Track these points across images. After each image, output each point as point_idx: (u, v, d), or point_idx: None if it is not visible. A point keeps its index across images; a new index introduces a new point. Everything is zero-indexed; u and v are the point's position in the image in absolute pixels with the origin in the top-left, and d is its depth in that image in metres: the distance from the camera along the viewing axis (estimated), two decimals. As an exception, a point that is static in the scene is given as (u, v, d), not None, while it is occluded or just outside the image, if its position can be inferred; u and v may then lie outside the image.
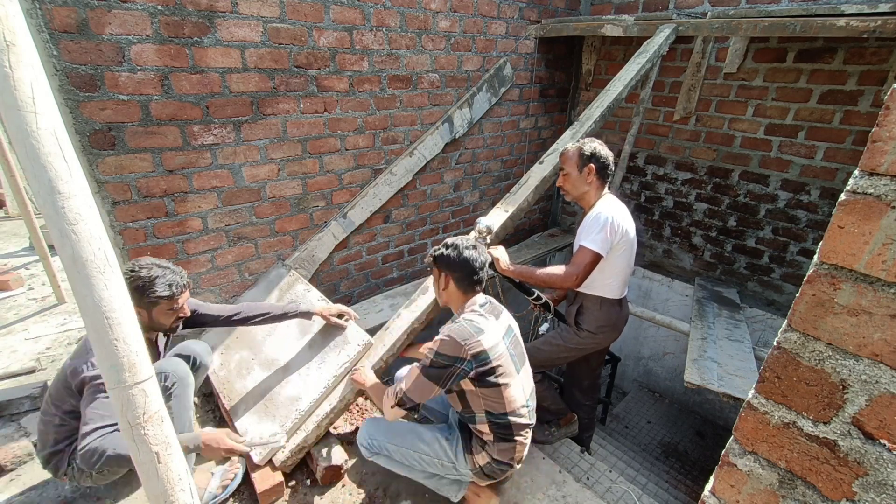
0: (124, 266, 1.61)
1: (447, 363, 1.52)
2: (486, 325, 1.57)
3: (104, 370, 0.90)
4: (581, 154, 2.02)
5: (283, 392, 2.08)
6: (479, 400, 1.61)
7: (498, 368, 1.56)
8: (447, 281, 1.68)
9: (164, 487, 1.00)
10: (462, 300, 1.69)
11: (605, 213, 1.94)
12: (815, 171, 3.13)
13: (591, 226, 1.96)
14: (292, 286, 2.56)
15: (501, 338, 1.61)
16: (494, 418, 1.63)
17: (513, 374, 1.62)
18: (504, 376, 1.58)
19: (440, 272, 1.70)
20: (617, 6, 3.74)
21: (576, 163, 2.03)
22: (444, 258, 1.66)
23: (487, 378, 1.55)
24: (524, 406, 1.67)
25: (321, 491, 1.91)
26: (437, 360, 1.53)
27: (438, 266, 1.70)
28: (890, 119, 0.56)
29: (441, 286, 1.72)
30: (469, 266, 1.64)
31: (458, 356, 1.50)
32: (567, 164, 2.06)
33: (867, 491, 0.66)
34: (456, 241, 1.69)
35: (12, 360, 2.76)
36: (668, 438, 3.95)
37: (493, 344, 1.55)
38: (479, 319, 1.59)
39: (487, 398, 1.60)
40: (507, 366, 1.59)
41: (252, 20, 2.19)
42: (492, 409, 1.62)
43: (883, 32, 2.22)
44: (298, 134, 2.55)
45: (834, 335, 0.65)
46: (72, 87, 1.83)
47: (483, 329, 1.55)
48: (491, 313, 1.66)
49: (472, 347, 1.50)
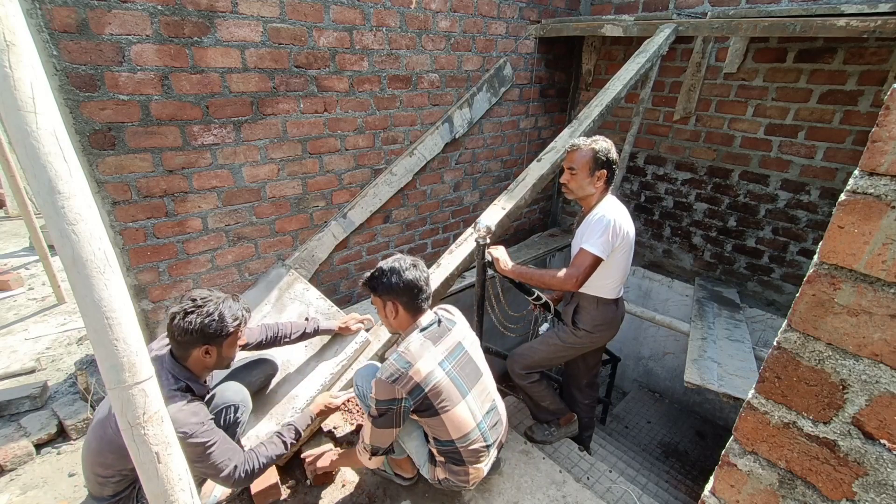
0: (180, 306, 1.49)
1: (388, 406, 1.47)
2: (419, 352, 1.50)
3: (104, 370, 0.90)
4: (596, 158, 1.94)
5: (279, 390, 2.08)
6: (426, 427, 1.60)
7: (436, 398, 1.49)
8: (396, 308, 1.57)
9: (164, 487, 1.00)
10: (409, 323, 1.61)
11: (608, 216, 1.93)
12: (815, 171, 3.13)
13: (594, 228, 1.94)
14: (291, 286, 2.56)
15: (438, 364, 1.53)
16: (441, 444, 1.60)
17: (457, 399, 1.54)
18: (445, 403, 1.51)
19: (385, 301, 1.58)
20: (617, 6, 3.74)
21: (588, 165, 1.96)
22: (386, 286, 1.55)
23: (426, 410, 1.51)
24: (476, 429, 1.60)
25: (320, 491, 1.91)
26: (379, 407, 1.48)
27: (381, 295, 1.58)
28: (890, 119, 0.56)
29: (390, 315, 1.60)
30: (415, 287, 1.55)
31: (394, 397, 1.46)
32: (577, 164, 1.98)
33: (867, 491, 0.66)
34: (392, 264, 1.57)
35: (12, 360, 2.76)
36: (668, 438, 3.95)
37: (426, 373, 1.48)
38: (413, 349, 1.51)
39: (431, 426, 1.58)
40: (447, 392, 1.52)
41: (252, 20, 2.19)
42: (437, 437, 1.59)
43: (883, 32, 2.22)
44: (298, 134, 2.55)
45: (834, 335, 0.65)
46: (72, 87, 1.83)
47: (412, 361, 1.48)
48: (433, 336, 1.58)
49: (404, 385, 1.45)
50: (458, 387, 1.56)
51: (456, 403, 1.54)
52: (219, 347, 1.54)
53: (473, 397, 1.62)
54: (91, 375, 2.39)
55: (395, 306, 1.57)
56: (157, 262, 2.28)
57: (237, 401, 1.71)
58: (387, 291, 1.56)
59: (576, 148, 2.00)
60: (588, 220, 2.01)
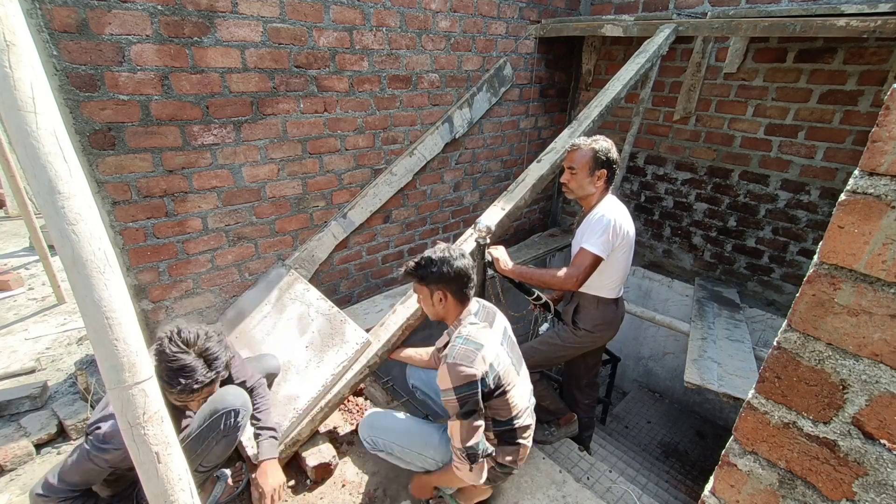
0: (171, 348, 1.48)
1: (471, 392, 1.46)
2: (484, 336, 1.54)
3: (104, 370, 0.90)
4: (596, 157, 1.94)
5: (281, 391, 2.08)
6: (487, 409, 1.58)
7: (503, 378, 1.54)
8: (445, 296, 1.60)
9: (164, 487, 1.00)
10: (458, 311, 1.64)
11: (609, 216, 1.93)
12: (815, 171, 3.13)
13: (594, 228, 1.94)
14: (292, 286, 2.56)
15: (500, 345, 1.59)
16: (500, 425, 1.62)
17: (514, 377, 1.61)
18: (510, 381, 1.57)
19: (433, 290, 1.60)
20: (617, 6, 3.74)
21: (588, 165, 1.96)
22: (436, 275, 1.56)
23: (496, 389, 1.53)
24: (526, 408, 1.67)
25: (321, 491, 1.91)
26: (462, 395, 1.45)
27: (429, 283, 1.59)
28: (890, 119, 0.56)
29: (438, 303, 1.62)
30: (465, 276, 1.58)
31: (472, 380, 1.45)
32: (577, 163, 1.98)
33: (867, 491, 0.66)
34: (442, 254, 1.59)
35: (12, 360, 2.76)
36: (668, 438, 3.95)
37: (495, 355, 1.53)
38: (477, 333, 1.54)
39: (493, 408, 1.58)
40: (509, 373, 1.57)
41: (252, 20, 2.19)
42: (498, 417, 1.61)
43: (883, 32, 2.22)
44: (298, 134, 2.55)
45: (834, 335, 0.65)
46: (72, 87, 1.83)
47: (483, 343, 1.51)
48: (486, 320, 1.62)
49: (479, 367, 1.46)
50: (514, 365, 1.63)
51: (514, 382, 1.59)
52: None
53: (522, 379, 1.68)
54: (91, 375, 2.39)
55: (445, 294, 1.60)
56: (157, 262, 2.28)
57: (237, 405, 1.70)
58: (437, 281, 1.58)
59: (576, 147, 2.00)
60: (588, 220, 2.01)
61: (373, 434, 1.78)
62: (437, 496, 1.84)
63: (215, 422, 1.65)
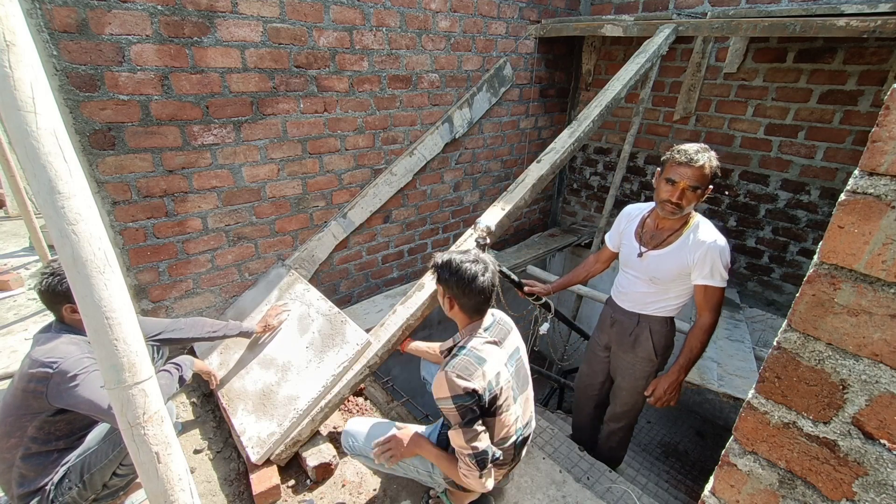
0: (43, 276, 1.53)
1: (468, 401, 1.40)
2: (489, 353, 1.49)
3: (104, 370, 0.90)
4: (714, 175, 1.69)
5: (281, 391, 2.08)
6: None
7: (501, 398, 1.48)
8: (452, 304, 1.53)
9: (164, 487, 1.00)
10: (467, 322, 1.56)
11: (722, 240, 1.75)
12: (815, 171, 3.13)
13: (713, 257, 1.74)
14: (292, 286, 2.56)
15: (504, 365, 1.52)
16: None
17: (510, 402, 1.53)
18: (503, 406, 1.49)
19: (444, 291, 1.53)
20: (617, 6, 3.74)
21: (709, 181, 1.69)
22: (452, 283, 1.48)
23: (489, 408, 1.47)
24: (514, 435, 1.58)
25: (321, 491, 1.91)
26: (461, 405, 1.40)
27: (442, 284, 1.53)
28: (890, 119, 0.56)
29: (447, 304, 1.56)
30: (482, 296, 1.48)
31: (469, 391, 1.41)
32: (704, 182, 1.68)
33: (867, 491, 0.66)
34: (471, 267, 1.47)
35: (12, 360, 2.76)
36: (668, 438, 3.95)
37: (496, 373, 1.47)
38: (482, 347, 1.49)
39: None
40: (506, 394, 1.50)
41: (252, 20, 2.19)
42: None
43: (883, 32, 2.22)
44: (298, 134, 2.55)
45: (834, 335, 0.65)
46: (72, 87, 1.83)
47: (486, 359, 1.46)
48: (497, 336, 1.56)
49: (478, 383, 1.42)
50: (512, 389, 1.55)
51: (509, 406, 1.53)
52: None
53: (519, 403, 1.61)
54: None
55: (453, 303, 1.53)
56: (157, 262, 2.28)
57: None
58: (451, 287, 1.50)
59: (699, 164, 1.65)
60: (707, 245, 1.76)
61: (351, 441, 1.73)
62: (435, 496, 1.84)
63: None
